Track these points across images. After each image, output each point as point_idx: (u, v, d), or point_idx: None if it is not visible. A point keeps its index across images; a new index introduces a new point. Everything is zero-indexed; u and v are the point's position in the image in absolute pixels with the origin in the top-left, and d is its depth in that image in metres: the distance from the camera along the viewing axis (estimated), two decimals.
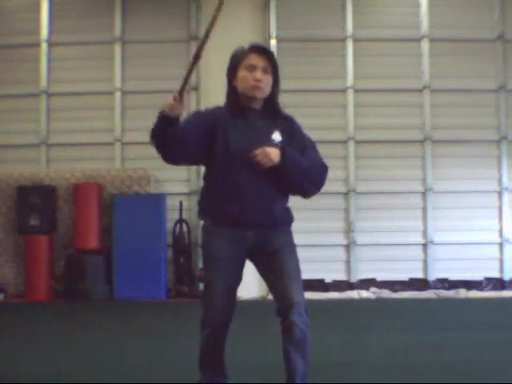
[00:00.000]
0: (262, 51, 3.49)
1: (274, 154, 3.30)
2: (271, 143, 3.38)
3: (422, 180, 10.94)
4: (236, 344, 3.88)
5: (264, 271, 3.51)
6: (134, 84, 11.02)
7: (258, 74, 3.42)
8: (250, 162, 3.31)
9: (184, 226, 10.56)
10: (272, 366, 3.56)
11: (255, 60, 3.44)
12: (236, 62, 3.50)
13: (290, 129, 3.50)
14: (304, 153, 3.46)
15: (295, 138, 3.49)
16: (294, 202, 3.60)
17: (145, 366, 5.01)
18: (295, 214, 3.59)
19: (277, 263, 3.44)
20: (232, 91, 3.53)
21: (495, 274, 10.87)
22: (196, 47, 3.38)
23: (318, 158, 3.53)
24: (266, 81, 3.45)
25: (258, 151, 3.29)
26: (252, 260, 3.54)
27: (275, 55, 3.57)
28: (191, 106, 10.85)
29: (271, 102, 3.51)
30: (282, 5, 10.97)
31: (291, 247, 3.52)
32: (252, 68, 3.44)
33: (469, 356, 5.36)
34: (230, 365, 3.68)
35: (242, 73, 3.46)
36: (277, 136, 3.42)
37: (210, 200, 3.51)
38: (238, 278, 3.52)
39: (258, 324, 7.01)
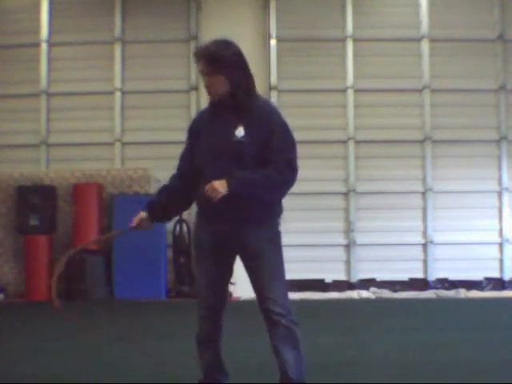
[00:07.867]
0: (198, 56, 3.51)
1: (221, 186, 3.35)
2: (231, 140, 3.42)
3: (422, 180, 10.93)
4: (236, 344, 3.88)
5: (246, 271, 3.54)
6: (134, 84, 11.01)
7: (206, 81, 3.50)
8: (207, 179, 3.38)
9: (184, 226, 10.55)
10: (271, 367, 3.56)
11: (200, 66, 3.51)
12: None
13: (258, 120, 3.47)
14: (270, 145, 3.41)
15: (261, 129, 3.44)
16: (295, 201, 3.59)
17: (145, 366, 5.01)
18: (295, 214, 3.60)
19: (253, 264, 3.48)
20: None
21: (495, 274, 10.87)
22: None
23: (283, 157, 3.42)
24: (215, 83, 3.48)
25: (207, 187, 3.36)
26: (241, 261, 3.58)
27: (223, 52, 3.47)
28: (191, 105, 10.88)
29: (236, 96, 3.49)
30: (282, 5, 10.97)
31: (270, 246, 3.50)
32: (202, 74, 3.52)
33: (469, 356, 5.36)
34: (229, 365, 3.69)
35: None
36: (240, 131, 3.45)
37: (197, 195, 3.60)
38: (222, 265, 3.58)
39: (257, 324, 6.99)
